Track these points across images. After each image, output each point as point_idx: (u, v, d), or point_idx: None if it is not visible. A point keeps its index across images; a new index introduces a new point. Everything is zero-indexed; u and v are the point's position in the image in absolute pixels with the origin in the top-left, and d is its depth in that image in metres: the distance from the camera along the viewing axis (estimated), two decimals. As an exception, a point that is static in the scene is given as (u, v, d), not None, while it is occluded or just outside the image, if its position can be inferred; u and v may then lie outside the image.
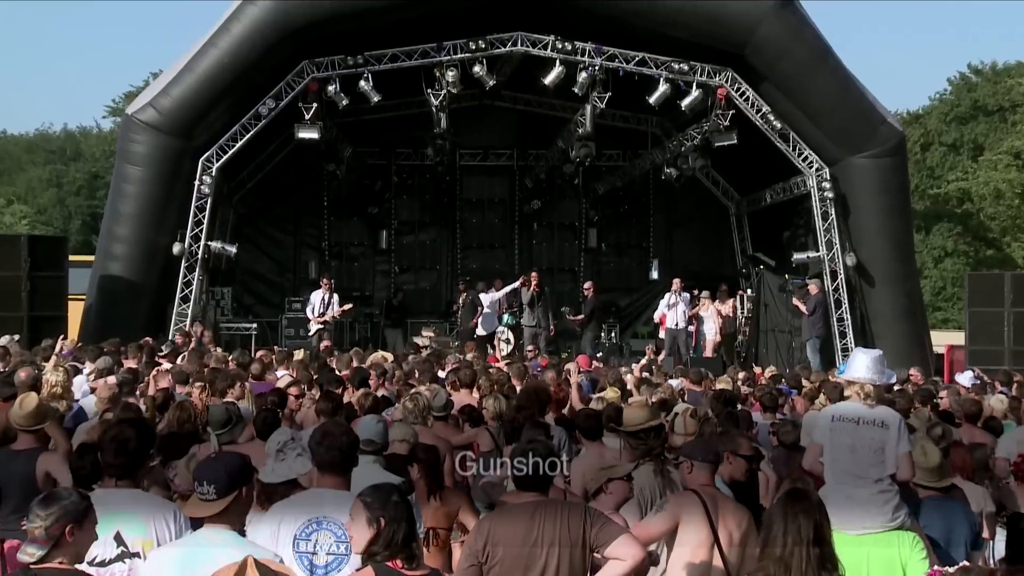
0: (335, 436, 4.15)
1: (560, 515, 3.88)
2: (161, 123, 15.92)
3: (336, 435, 4.16)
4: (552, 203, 22.24)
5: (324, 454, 4.12)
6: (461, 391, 9.07)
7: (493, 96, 20.51)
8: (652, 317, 21.44)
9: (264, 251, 21.44)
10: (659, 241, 22.44)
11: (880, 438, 5.07)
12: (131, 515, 3.81)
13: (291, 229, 21.80)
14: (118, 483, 3.91)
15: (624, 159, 21.61)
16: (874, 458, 5.04)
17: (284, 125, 17.23)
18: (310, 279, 20.80)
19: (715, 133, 17.07)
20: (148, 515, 3.83)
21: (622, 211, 22.28)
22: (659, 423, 5.46)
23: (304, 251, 21.81)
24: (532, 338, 17.32)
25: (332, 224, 21.79)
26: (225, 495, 3.53)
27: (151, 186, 16.17)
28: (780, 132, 16.94)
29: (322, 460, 4.14)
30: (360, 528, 3.30)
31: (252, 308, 20.56)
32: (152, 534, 3.80)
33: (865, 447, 5.06)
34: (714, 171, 21.10)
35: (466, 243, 22.36)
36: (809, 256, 17.66)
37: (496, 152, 22.07)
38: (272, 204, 21.29)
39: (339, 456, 4.10)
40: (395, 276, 22.09)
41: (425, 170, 21.42)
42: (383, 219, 21.91)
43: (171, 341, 13.74)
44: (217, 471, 3.57)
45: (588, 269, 22.34)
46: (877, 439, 5.07)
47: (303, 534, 3.94)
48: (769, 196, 19.60)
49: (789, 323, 17.56)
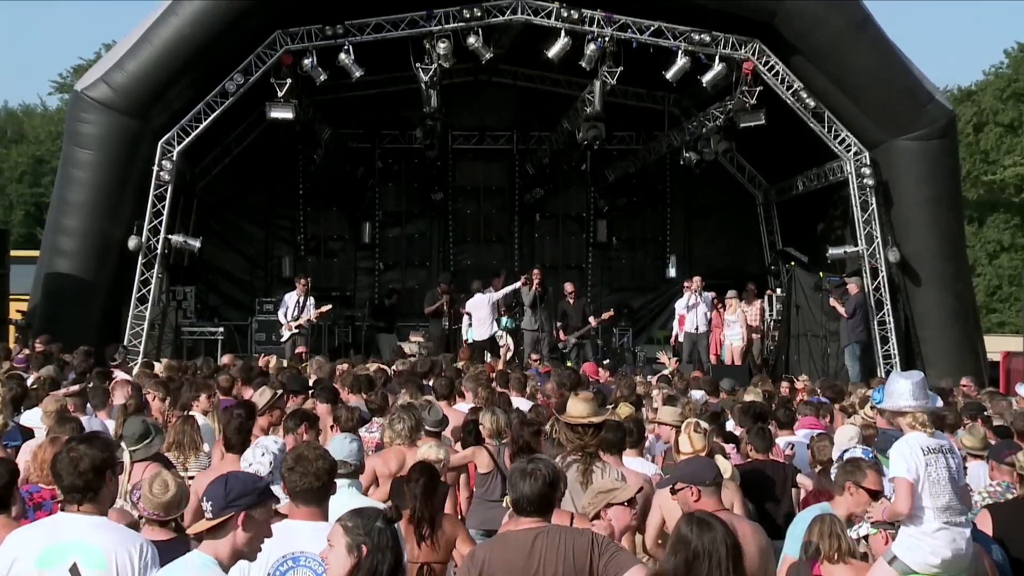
0: (309, 460, 4.09)
1: (564, 543, 3.89)
2: (115, 101, 15.92)
3: (311, 459, 4.10)
4: (556, 192, 22.24)
5: (298, 481, 4.06)
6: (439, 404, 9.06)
7: (490, 71, 20.50)
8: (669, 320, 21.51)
9: (232, 246, 21.45)
10: (677, 235, 22.45)
11: (961, 465, 5.17)
12: (91, 546, 3.79)
13: (262, 221, 21.82)
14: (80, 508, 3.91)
15: (637, 142, 21.61)
16: (963, 489, 5.16)
17: (254, 104, 17.23)
18: (283, 277, 20.84)
19: (740, 113, 17.08)
20: (110, 547, 3.80)
21: (635, 201, 22.29)
22: (600, 421, 5.57)
23: (277, 246, 21.83)
24: (534, 343, 17.34)
25: (308, 216, 21.80)
26: (219, 515, 3.55)
27: (103, 172, 16.16)
28: (814, 111, 16.96)
29: (296, 488, 4.07)
30: (338, 556, 3.26)
31: (218, 310, 20.58)
32: (112, 569, 3.77)
33: (955, 477, 5.12)
34: (739, 155, 21.09)
35: (459, 237, 22.36)
36: (846, 251, 17.66)
37: (493, 134, 22.07)
38: (241, 193, 21.29)
39: (315, 483, 4.06)
40: (379, 274, 22.10)
41: (413, 154, 21.41)
42: (366, 210, 21.92)
43: (123, 348, 13.77)
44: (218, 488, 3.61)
45: (597, 266, 22.37)
46: (961, 467, 5.17)
47: (277, 573, 3.93)
48: (801, 184, 19.61)
49: (824, 327, 17.56)
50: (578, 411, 5.56)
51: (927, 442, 5.17)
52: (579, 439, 5.49)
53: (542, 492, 4.09)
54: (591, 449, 5.50)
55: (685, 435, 6.04)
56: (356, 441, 5.55)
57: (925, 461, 5.11)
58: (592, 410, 5.59)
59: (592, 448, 5.50)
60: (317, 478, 4.06)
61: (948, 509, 5.05)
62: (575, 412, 5.56)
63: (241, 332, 19.19)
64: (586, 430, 5.50)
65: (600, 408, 5.81)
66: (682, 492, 4.80)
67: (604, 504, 4.73)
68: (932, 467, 5.10)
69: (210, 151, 19.75)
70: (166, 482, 4.52)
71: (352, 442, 5.43)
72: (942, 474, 5.08)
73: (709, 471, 4.85)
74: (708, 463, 5.07)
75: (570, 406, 5.65)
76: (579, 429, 5.50)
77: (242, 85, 16.21)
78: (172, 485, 4.52)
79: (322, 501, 4.11)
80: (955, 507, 5.07)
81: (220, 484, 3.63)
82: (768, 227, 21.62)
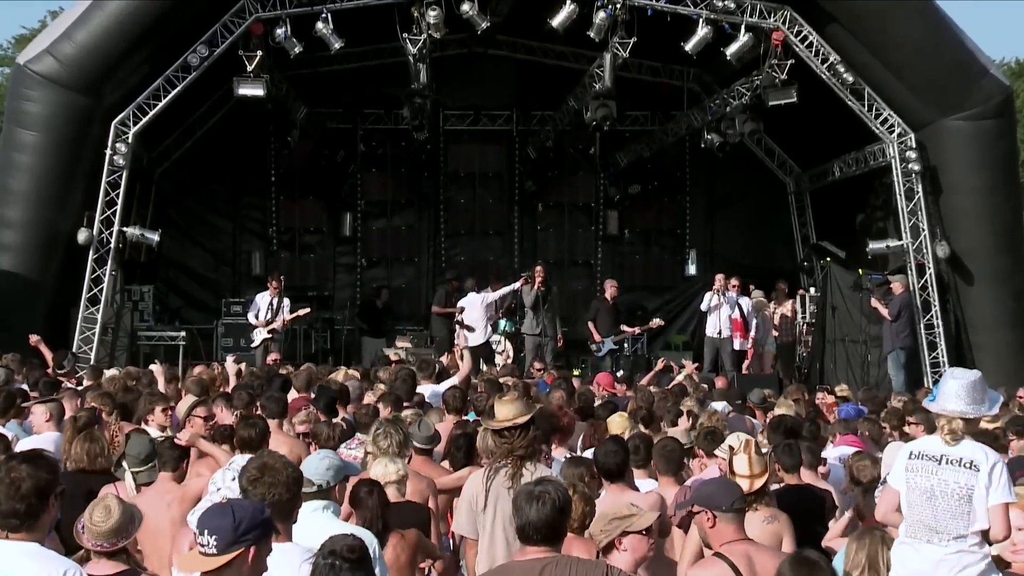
0: (277, 470, 4.08)
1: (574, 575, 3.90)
2: (62, 76, 15.88)
3: (278, 468, 4.09)
4: (561, 179, 22.23)
5: (266, 493, 4.05)
6: (448, 418, 9.05)
7: (486, 42, 20.48)
8: (688, 323, 21.51)
9: (195, 240, 21.44)
10: (697, 227, 22.44)
11: (967, 482, 5.06)
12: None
13: (229, 212, 21.81)
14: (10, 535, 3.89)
15: (653, 122, 21.59)
16: (958, 507, 5.04)
17: (220, 79, 17.20)
18: (253, 275, 20.85)
19: (769, 89, 17.07)
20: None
21: (650, 189, 22.28)
22: (526, 420, 5.79)
23: (246, 240, 21.82)
24: (535, 349, 17.30)
25: (282, 206, 21.78)
26: (226, 551, 3.51)
27: (50, 156, 16.13)
28: (852, 87, 16.94)
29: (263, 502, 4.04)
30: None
31: (180, 312, 20.58)
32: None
33: (948, 493, 5.07)
34: (768, 138, 21.09)
35: (452, 229, 22.34)
36: (889, 246, 17.65)
37: (490, 114, 22.04)
38: (205, 180, 21.28)
39: (284, 495, 4.06)
40: (362, 271, 22.08)
41: (400, 137, 21.36)
42: (347, 199, 21.90)
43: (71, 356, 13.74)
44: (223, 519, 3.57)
45: (607, 262, 22.36)
46: (963, 483, 5.07)
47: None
48: (838, 169, 19.60)
49: (864, 331, 17.56)
50: (503, 414, 5.79)
51: (923, 448, 5.21)
52: (506, 443, 5.74)
53: (551, 518, 4.10)
54: (520, 452, 5.73)
55: (744, 459, 5.98)
56: (329, 459, 5.54)
57: (906, 467, 5.18)
58: (518, 411, 5.80)
59: (521, 451, 5.73)
60: (287, 489, 4.05)
61: (922, 527, 5.05)
62: (500, 416, 5.80)
63: (206, 337, 19.17)
64: (513, 433, 5.73)
65: (528, 407, 6.00)
66: (699, 516, 4.83)
67: (620, 532, 4.72)
68: (913, 475, 5.14)
69: (170, 133, 19.73)
70: (109, 507, 4.49)
71: (324, 459, 5.45)
72: (922, 485, 5.10)
73: (727, 495, 4.84)
74: (728, 486, 5.06)
75: (496, 410, 5.89)
76: (505, 433, 5.74)
77: (206, 58, 16.17)
78: (116, 509, 4.49)
79: (288, 517, 4.09)
80: (934, 527, 5.04)
81: (225, 515, 3.58)
82: (800, 218, 21.62)
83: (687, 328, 21.55)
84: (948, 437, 5.15)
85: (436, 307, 18.75)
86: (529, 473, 5.63)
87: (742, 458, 5.99)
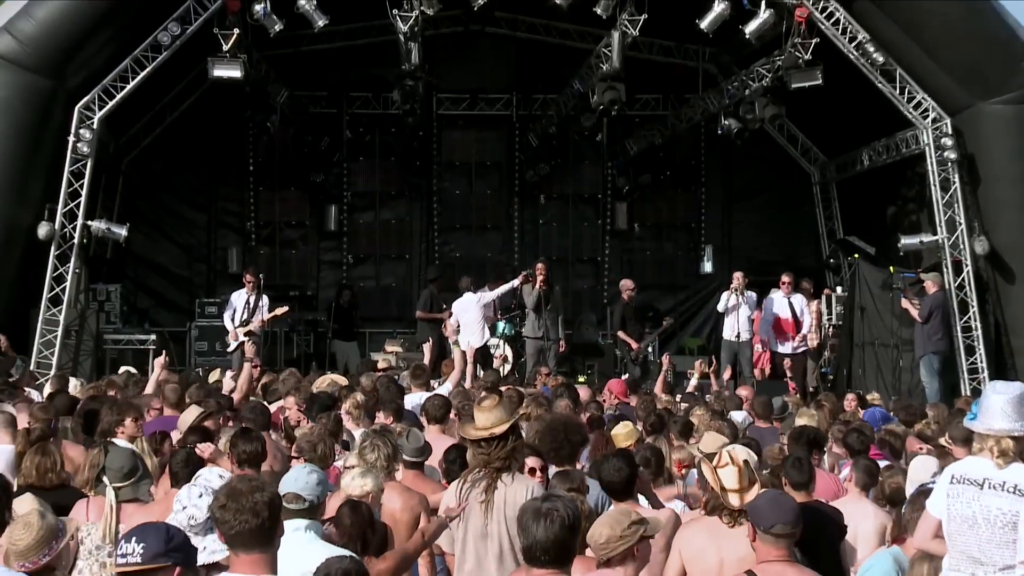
0: (243, 494, 4.05)
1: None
2: (21, 56, 15.82)
3: (244, 492, 4.06)
4: (565, 168, 22.19)
5: (231, 521, 4.01)
6: (431, 427, 9.10)
7: (483, 19, 20.42)
8: (703, 325, 21.47)
9: (166, 235, 21.38)
10: (713, 221, 22.40)
11: (1011, 508, 5.05)
12: None
13: (204, 204, 21.75)
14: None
15: (665, 107, 21.54)
16: (1003, 536, 5.02)
17: (194, 60, 17.15)
18: (230, 273, 20.76)
19: (792, 71, 17.02)
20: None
21: (662, 179, 22.22)
22: (504, 430, 5.82)
23: (222, 234, 21.78)
24: (537, 354, 17.26)
25: (261, 197, 21.74)
26: (150, 561, 3.52)
27: (8, 143, 16.04)
28: (882, 68, 16.88)
29: (230, 530, 4.02)
30: None
31: (149, 313, 20.54)
32: None
33: (991, 521, 5.05)
34: (790, 123, 21.05)
35: (446, 223, 22.28)
36: (923, 241, 17.61)
37: (488, 97, 21.99)
38: (177, 170, 21.21)
39: (252, 521, 4.02)
40: (348, 268, 22.03)
41: (390, 122, 21.33)
42: (331, 190, 21.84)
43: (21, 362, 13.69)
44: (156, 530, 3.62)
45: (615, 259, 22.32)
46: (1008, 510, 5.05)
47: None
48: (867, 158, 19.57)
49: (896, 333, 17.51)
50: (481, 422, 5.84)
51: (965, 471, 5.20)
52: (483, 454, 5.81)
53: (560, 538, 4.12)
54: (497, 464, 5.79)
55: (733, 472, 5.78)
56: (317, 473, 5.55)
57: (947, 492, 5.16)
58: (497, 418, 5.84)
59: (499, 463, 5.78)
60: (254, 514, 4.01)
61: (965, 559, 5.04)
62: (479, 423, 5.86)
63: (178, 340, 19.13)
64: (490, 443, 5.79)
65: (509, 414, 6.05)
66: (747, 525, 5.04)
67: (639, 537, 4.76)
68: (954, 502, 5.13)
69: (139, 118, 19.69)
70: (29, 523, 4.52)
71: (312, 473, 5.45)
72: (963, 513, 5.10)
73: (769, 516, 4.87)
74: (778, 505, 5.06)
75: (475, 417, 5.96)
76: (483, 443, 5.81)
77: (178, 36, 16.11)
78: (36, 523, 4.48)
79: (266, 545, 4.05)
80: (978, 558, 5.02)
81: (159, 529, 3.63)
82: (826, 211, 21.59)
83: (702, 331, 21.54)
84: (1000, 460, 5.11)
85: (420, 311, 18.65)
86: (504, 486, 5.69)
87: (731, 470, 5.79)
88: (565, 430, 7.39)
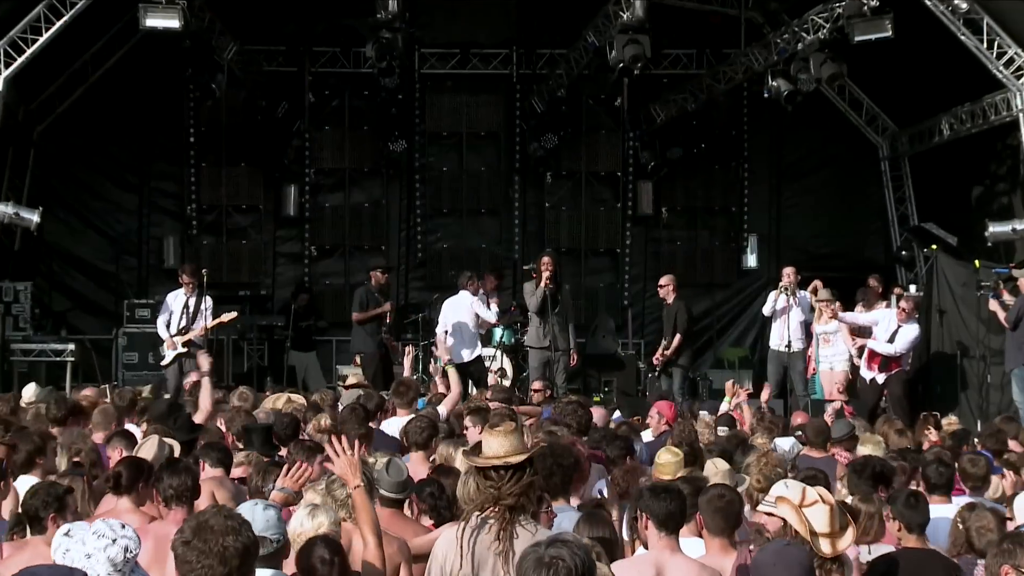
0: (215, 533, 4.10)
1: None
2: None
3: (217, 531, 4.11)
4: (577, 139, 22.20)
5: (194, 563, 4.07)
6: (414, 455, 9.22)
7: (477, -43, 20.50)
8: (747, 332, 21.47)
9: (88, 221, 21.47)
10: (758, 204, 22.54)
11: None
12: None
13: (134, 184, 21.82)
14: None
15: (699, 65, 21.63)
16: None
17: (122, 6, 17.14)
18: (166, 268, 20.81)
19: (855, 20, 17.08)
20: None
21: (695, 153, 22.28)
22: (522, 460, 5.86)
23: (156, 221, 21.87)
24: (542, 367, 17.20)
25: (204, 176, 21.84)
26: None
27: None
28: (966, 17, 16.92)
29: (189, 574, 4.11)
30: None
31: (67, 318, 20.58)
32: None
33: None
34: (853, 85, 21.02)
35: (432, 207, 22.37)
36: (1016, 229, 17.73)
37: (482, 53, 22.05)
38: (102, 141, 21.28)
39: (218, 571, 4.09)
40: (311, 262, 22.12)
41: (362, 83, 21.44)
42: (291, 167, 21.89)
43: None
44: None
45: (637, 251, 22.43)
46: None
47: None
48: (947, 127, 19.63)
49: (983, 342, 17.51)
50: (493, 448, 5.87)
51: None
52: (492, 487, 5.80)
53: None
54: (509, 500, 5.79)
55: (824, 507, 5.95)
56: (273, 508, 5.64)
57: None
58: (512, 446, 5.88)
59: (511, 499, 5.80)
60: (222, 561, 4.04)
61: None
62: (489, 450, 5.89)
63: (102, 351, 19.21)
64: (503, 474, 5.81)
65: (525, 443, 6.10)
66: None
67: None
68: None
69: (55, 79, 19.77)
70: None
71: (268, 508, 5.50)
72: None
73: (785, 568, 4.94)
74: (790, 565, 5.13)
75: (484, 443, 6.01)
76: (493, 474, 5.81)
77: (103, -23, 16.12)
78: None
79: None
80: None
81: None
82: (897, 193, 21.67)
83: (744, 339, 21.56)
84: None
85: (356, 313, 18.39)
86: (528, 533, 5.67)
87: (821, 509, 5.92)
88: (552, 453, 7.55)
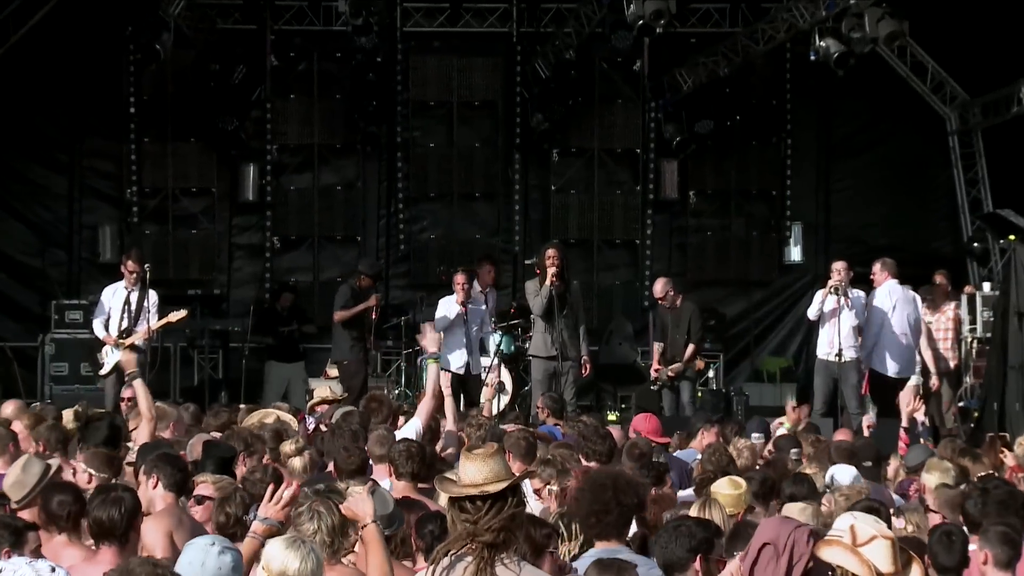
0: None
1: None
2: None
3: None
4: (588, 111, 22.28)
5: None
6: (400, 485, 9.33)
7: None
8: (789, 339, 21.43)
9: (9, 207, 21.58)
10: (803, 187, 22.61)
11: None
12: None
13: (63, 164, 21.93)
14: None
15: (732, 22, 21.69)
16: None
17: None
18: (102, 262, 20.91)
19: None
20: None
21: (729, 126, 22.30)
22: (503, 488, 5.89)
23: (90, 207, 21.94)
24: (547, 380, 17.19)
25: (146, 153, 21.88)
26: None
27: None
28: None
29: None
30: None
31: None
32: None
33: None
34: (916, 46, 20.98)
35: (417, 190, 22.45)
36: (1107, 217, 17.61)
37: (476, 8, 22.12)
38: (24, 114, 21.33)
39: None
40: (273, 255, 22.21)
41: (334, 44, 21.58)
42: (250, 143, 21.94)
43: None
44: None
45: (660, 242, 22.47)
46: None
47: None
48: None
49: (1072, 351, 17.49)
50: (469, 476, 5.95)
51: None
52: (468, 520, 5.86)
53: None
54: (486, 537, 5.83)
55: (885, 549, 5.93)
56: (230, 551, 5.76)
57: None
58: (492, 472, 5.92)
59: (489, 535, 5.83)
60: None
61: None
62: (467, 476, 5.97)
63: (25, 361, 19.39)
64: (480, 506, 5.84)
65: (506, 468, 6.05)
66: None
67: None
68: None
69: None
70: None
71: (225, 552, 5.65)
72: None
73: None
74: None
75: (462, 468, 6.09)
76: (468, 505, 5.86)
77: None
78: None
79: None
80: None
81: None
82: (968, 174, 21.76)
83: (787, 347, 21.52)
84: None
85: (339, 312, 18.50)
86: (511, 573, 5.79)
87: (881, 547, 5.97)
88: (615, 488, 7.44)
